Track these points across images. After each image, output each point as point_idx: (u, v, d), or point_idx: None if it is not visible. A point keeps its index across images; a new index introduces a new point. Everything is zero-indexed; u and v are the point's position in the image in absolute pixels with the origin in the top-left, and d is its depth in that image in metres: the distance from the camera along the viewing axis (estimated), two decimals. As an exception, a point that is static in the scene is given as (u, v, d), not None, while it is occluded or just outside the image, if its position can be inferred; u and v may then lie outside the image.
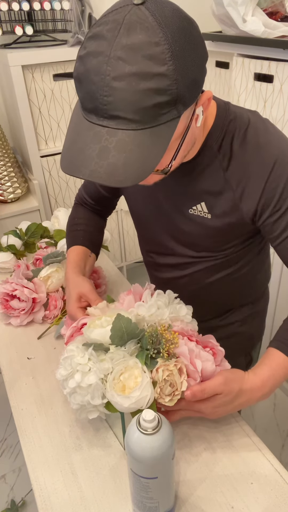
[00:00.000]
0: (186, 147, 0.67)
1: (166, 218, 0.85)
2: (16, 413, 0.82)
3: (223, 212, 0.76)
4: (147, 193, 0.86)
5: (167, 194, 0.82)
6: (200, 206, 0.78)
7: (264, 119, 0.74)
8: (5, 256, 1.21)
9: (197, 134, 0.70)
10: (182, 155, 0.67)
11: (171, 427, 0.57)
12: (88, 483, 0.69)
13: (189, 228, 0.82)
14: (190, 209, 0.80)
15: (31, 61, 1.55)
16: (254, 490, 0.67)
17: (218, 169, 0.74)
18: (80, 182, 1.86)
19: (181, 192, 0.80)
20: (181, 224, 0.83)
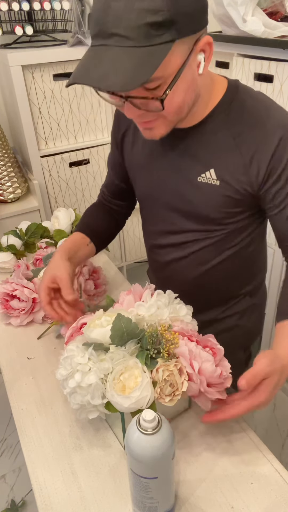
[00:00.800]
0: (187, 91, 0.68)
1: (173, 190, 0.85)
2: (16, 413, 0.82)
3: (232, 178, 0.77)
4: (153, 168, 0.87)
5: (175, 163, 0.83)
6: (209, 173, 0.79)
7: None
8: (5, 256, 1.21)
9: (202, 87, 0.72)
10: (184, 98, 0.68)
11: (171, 427, 0.57)
12: (88, 483, 0.69)
13: (197, 198, 0.82)
14: (199, 177, 0.80)
15: (31, 61, 1.55)
16: (254, 490, 0.67)
17: (228, 135, 0.76)
18: (81, 186, 1.86)
19: (189, 159, 0.80)
20: (188, 194, 0.83)
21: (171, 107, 0.67)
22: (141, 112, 0.68)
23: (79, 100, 1.71)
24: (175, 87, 0.64)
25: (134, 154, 0.91)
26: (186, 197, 0.84)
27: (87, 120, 1.78)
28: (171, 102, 0.67)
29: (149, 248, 1.03)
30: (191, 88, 0.69)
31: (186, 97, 0.69)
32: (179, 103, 0.69)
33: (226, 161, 0.77)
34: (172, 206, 0.88)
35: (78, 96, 1.70)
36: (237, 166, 0.76)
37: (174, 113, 0.70)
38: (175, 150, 0.82)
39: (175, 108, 0.69)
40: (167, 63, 0.61)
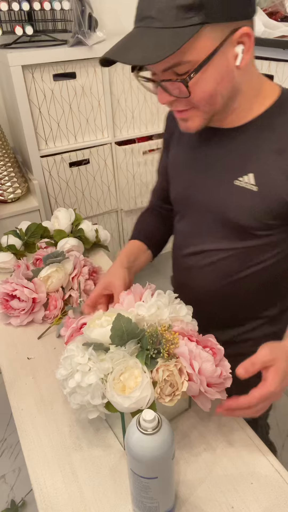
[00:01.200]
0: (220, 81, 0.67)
1: (208, 190, 0.82)
2: (16, 413, 0.82)
3: (271, 187, 0.74)
4: (192, 166, 0.85)
5: (213, 162, 0.81)
6: (247, 177, 0.76)
7: None
8: (5, 256, 1.21)
9: (243, 83, 0.70)
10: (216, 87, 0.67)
11: (171, 427, 0.57)
12: (88, 483, 0.69)
13: (232, 202, 0.78)
14: (236, 180, 0.77)
15: (31, 61, 1.55)
16: (254, 490, 0.67)
17: (273, 146, 0.73)
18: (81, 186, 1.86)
19: (229, 161, 0.78)
20: (224, 197, 0.79)
21: (200, 94, 0.67)
22: (172, 98, 0.68)
23: (79, 100, 1.71)
24: (204, 74, 0.64)
25: (176, 154, 0.90)
26: (219, 199, 0.80)
27: (87, 120, 1.78)
28: (200, 88, 0.66)
29: (172, 250, 1.00)
30: (225, 79, 0.67)
31: (219, 87, 0.67)
32: (210, 92, 0.67)
33: (268, 169, 0.74)
34: (204, 206, 0.84)
35: (78, 96, 1.70)
36: (278, 174, 0.73)
37: (205, 102, 0.69)
38: (215, 150, 0.80)
39: (205, 96, 0.68)
40: (195, 47, 0.62)
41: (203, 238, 0.87)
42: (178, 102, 0.70)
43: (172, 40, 0.59)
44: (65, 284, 1.08)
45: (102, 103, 1.77)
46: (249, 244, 0.80)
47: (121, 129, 1.88)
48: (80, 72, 1.67)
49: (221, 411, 0.67)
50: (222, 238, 0.83)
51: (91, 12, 1.61)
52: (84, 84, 1.69)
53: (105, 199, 1.97)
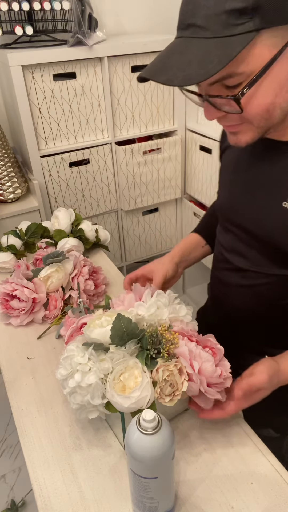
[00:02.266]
0: (279, 92, 0.58)
1: (250, 209, 0.75)
2: (16, 413, 0.82)
3: None
4: (239, 179, 0.78)
5: (262, 178, 0.73)
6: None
7: None
8: (5, 256, 1.21)
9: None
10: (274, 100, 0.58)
11: (171, 427, 0.57)
12: (88, 483, 0.69)
13: (276, 225, 0.70)
14: (284, 202, 0.68)
15: (31, 61, 1.54)
16: (254, 490, 0.67)
17: None
18: (81, 186, 1.86)
19: (280, 178, 0.70)
20: (271, 221, 0.71)
21: (254, 109, 0.59)
22: (221, 114, 0.61)
23: (79, 100, 1.71)
24: (261, 86, 0.56)
25: (226, 162, 0.84)
26: (263, 221, 0.73)
27: (87, 120, 1.78)
28: (255, 103, 0.58)
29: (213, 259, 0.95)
30: (285, 89, 0.58)
31: (277, 100, 0.59)
32: (267, 106, 0.59)
33: None
34: (249, 226, 0.77)
35: (78, 96, 1.70)
36: None
37: (260, 116, 0.60)
38: (268, 164, 0.71)
39: (261, 111, 0.59)
40: (250, 56, 0.53)
41: (245, 258, 0.80)
42: (228, 117, 0.62)
43: (221, 53, 0.51)
44: (65, 284, 1.08)
45: (102, 103, 1.77)
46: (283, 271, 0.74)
47: (121, 129, 1.88)
48: (80, 72, 1.67)
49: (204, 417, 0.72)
50: (265, 262, 0.76)
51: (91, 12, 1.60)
52: (84, 84, 1.69)
53: (105, 199, 1.97)
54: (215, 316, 0.96)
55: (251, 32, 0.51)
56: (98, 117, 1.80)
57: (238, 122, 0.62)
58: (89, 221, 1.32)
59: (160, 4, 1.94)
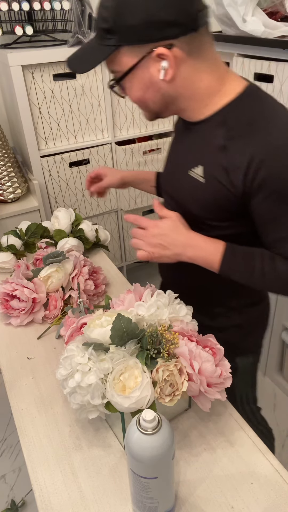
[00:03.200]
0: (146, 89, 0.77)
1: (172, 176, 0.90)
2: (16, 413, 0.82)
3: (216, 180, 0.77)
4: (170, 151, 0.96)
5: (178, 152, 0.90)
6: (198, 169, 0.81)
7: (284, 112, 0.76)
8: (5, 256, 1.21)
9: (180, 90, 0.77)
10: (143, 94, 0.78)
11: (171, 427, 0.57)
12: (88, 483, 0.69)
13: (185, 190, 0.85)
14: (189, 170, 0.82)
15: (31, 61, 1.54)
16: (254, 490, 0.67)
17: (222, 138, 0.76)
18: (81, 186, 1.86)
19: (187, 152, 0.85)
20: (180, 185, 0.86)
21: (131, 97, 0.80)
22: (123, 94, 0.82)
23: (79, 100, 1.71)
24: (130, 83, 0.77)
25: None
26: (177, 186, 0.88)
27: (87, 120, 1.78)
28: (130, 94, 0.80)
29: None
30: (151, 89, 0.77)
31: (146, 95, 0.78)
32: (138, 97, 0.79)
33: (215, 162, 0.77)
34: (169, 192, 0.93)
35: (78, 96, 1.70)
36: (222, 172, 0.76)
37: (139, 104, 0.82)
38: (180, 140, 0.90)
39: (136, 100, 0.80)
40: (118, 61, 0.74)
41: None
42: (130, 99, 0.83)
43: (97, 55, 0.75)
44: (65, 284, 1.08)
45: (102, 103, 1.77)
46: (212, 234, 0.82)
47: (121, 129, 1.88)
48: (80, 72, 1.67)
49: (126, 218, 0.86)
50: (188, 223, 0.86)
51: (91, 12, 1.60)
52: (84, 84, 1.69)
53: (105, 199, 1.97)
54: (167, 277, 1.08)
55: (114, 46, 0.72)
56: (98, 117, 1.80)
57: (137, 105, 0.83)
58: (89, 221, 1.33)
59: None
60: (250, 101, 0.75)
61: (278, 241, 0.77)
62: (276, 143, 0.70)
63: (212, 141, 0.78)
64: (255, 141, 0.71)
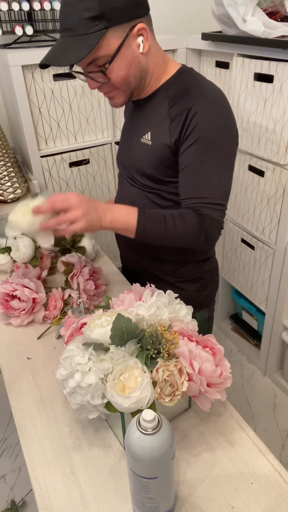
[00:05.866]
0: (130, 66, 0.88)
1: (128, 146, 1.06)
2: (16, 413, 0.82)
3: (160, 140, 0.94)
4: (124, 129, 1.11)
5: (130, 127, 1.06)
6: (147, 135, 0.97)
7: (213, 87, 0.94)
8: (3, 258, 1.21)
9: (150, 64, 0.92)
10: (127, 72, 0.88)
11: (171, 427, 0.57)
12: (88, 483, 0.69)
13: (138, 155, 1.01)
14: (141, 138, 0.99)
15: (31, 61, 1.54)
16: (254, 490, 0.67)
17: (165, 107, 0.93)
18: (81, 186, 1.86)
19: (138, 124, 1.01)
20: (134, 151, 1.02)
21: (117, 78, 0.88)
22: (98, 84, 0.90)
23: (79, 100, 1.71)
24: (117, 63, 0.86)
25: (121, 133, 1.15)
26: (131, 154, 1.03)
27: (87, 120, 1.78)
28: (116, 74, 0.88)
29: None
30: (133, 64, 0.88)
31: (130, 71, 0.88)
32: (124, 75, 0.88)
33: (159, 126, 0.94)
34: (125, 163, 1.08)
35: (78, 96, 1.70)
36: (165, 130, 0.93)
37: (122, 83, 0.90)
38: (134, 117, 1.04)
39: (121, 80, 0.89)
40: (105, 45, 0.83)
41: (130, 189, 1.08)
42: (103, 87, 0.92)
43: (86, 44, 0.81)
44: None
45: (102, 103, 1.77)
46: (156, 190, 1.01)
47: (121, 129, 1.88)
48: (80, 72, 1.67)
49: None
50: (142, 186, 1.04)
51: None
52: (84, 84, 1.69)
53: (105, 199, 1.97)
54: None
55: (102, 30, 0.81)
56: (98, 117, 1.80)
57: (111, 89, 0.92)
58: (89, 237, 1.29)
59: (159, 5, 1.95)
60: (186, 76, 0.94)
61: (189, 189, 0.92)
62: (206, 100, 0.89)
63: (158, 110, 0.95)
64: (191, 99, 0.88)
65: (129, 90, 0.93)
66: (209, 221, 0.91)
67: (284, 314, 1.70)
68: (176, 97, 0.92)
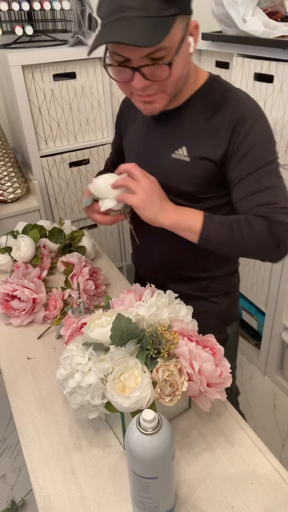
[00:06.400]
0: (184, 65, 0.78)
1: (153, 164, 0.93)
2: (16, 413, 0.82)
3: (200, 156, 0.86)
4: (139, 146, 0.99)
5: (157, 140, 0.93)
6: (181, 150, 0.88)
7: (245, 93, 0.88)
8: (3, 258, 1.21)
9: (190, 66, 0.83)
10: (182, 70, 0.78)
11: (171, 427, 0.57)
12: (88, 483, 0.69)
13: (172, 172, 0.90)
14: (173, 153, 0.89)
15: (31, 61, 1.54)
16: (254, 490, 0.67)
17: (201, 117, 0.85)
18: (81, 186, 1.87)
19: (168, 137, 0.91)
20: (165, 168, 0.91)
21: (174, 76, 0.77)
22: (148, 83, 0.77)
23: (79, 100, 1.71)
24: (178, 57, 0.75)
25: (130, 134, 1.03)
26: (164, 170, 0.92)
27: (87, 120, 1.78)
28: (175, 71, 0.76)
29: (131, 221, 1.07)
30: (186, 64, 0.79)
31: (184, 71, 0.79)
32: (180, 74, 0.78)
33: (198, 140, 0.86)
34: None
35: (78, 96, 1.70)
36: (206, 145, 0.85)
37: (175, 83, 0.79)
38: (161, 128, 0.93)
39: (177, 78, 0.78)
40: (171, 35, 0.71)
41: None
42: (150, 87, 0.79)
43: (161, 27, 0.69)
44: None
45: (102, 103, 1.77)
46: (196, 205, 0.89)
47: (121, 129, 1.88)
48: (80, 72, 1.67)
49: None
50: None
51: (91, 12, 1.60)
52: (84, 84, 1.69)
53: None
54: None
55: (174, 15, 0.71)
56: (98, 117, 1.80)
57: (157, 91, 0.80)
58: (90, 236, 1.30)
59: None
60: (218, 85, 0.87)
61: (251, 199, 0.83)
62: (248, 108, 0.83)
63: (192, 122, 0.86)
64: (233, 110, 0.82)
65: (174, 93, 0.83)
66: (280, 225, 0.80)
67: (284, 314, 1.70)
68: (214, 108, 0.84)
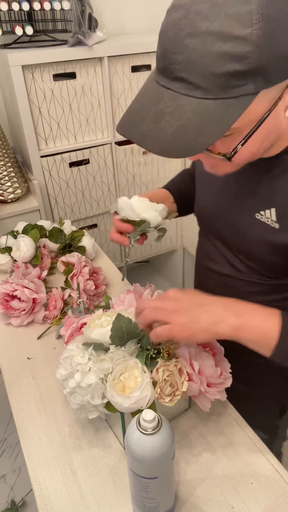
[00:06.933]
0: (266, 138, 0.58)
1: (228, 219, 0.77)
2: (16, 413, 0.82)
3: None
4: (216, 187, 0.79)
5: (237, 191, 0.74)
6: (269, 212, 0.69)
7: None
8: (3, 257, 1.21)
9: (285, 128, 0.59)
10: (259, 146, 0.58)
11: (171, 427, 0.57)
12: (88, 483, 0.69)
13: (251, 236, 0.72)
14: (257, 214, 0.70)
15: (31, 61, 1.54)
16: (254, 490, 0.67)
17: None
18: (81, 186, 1.86)
19: (252, 192, 0.71)
20: (246, 229, 0.73)
21: (242, 156, 0.58)
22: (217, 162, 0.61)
23: (79, 100, 1.71)
24: (253, 136, 0.55)
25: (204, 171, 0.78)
26: (239, 231, 0.74)
27: (87, 120, 1.78)
28: (244, 151, 0.57)
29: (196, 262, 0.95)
30: (271, 134, 0.58)
31: (263, 144, 0.59)
32: (253, 153, 0.59)
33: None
34: (222, 234, 0.80)
35: (78, 96, 1.70)
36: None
37: (246, 161, 0.61)
38: (246, 176, 0.72)
39: (246, 158, 0.60)
40: (245, 114, 0.50)
41: (223, 262, 0.82)
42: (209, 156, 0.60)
43: (220, 118, 0.48)
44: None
45: (102, 103, 1.77)
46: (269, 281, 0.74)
47: (121, 129, 1.88)
48: (80, 72, 1.67)
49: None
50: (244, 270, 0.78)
51: (91, 12, 1.60)
52: (84, 84, 1.69)
53: (105, 199, 1.97)
54: None
55: (251, 94, 0.48)
56: (98, 117, 1.80)
57: (220, 163, 0.62)
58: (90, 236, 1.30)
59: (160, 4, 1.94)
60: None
61: None
62: None
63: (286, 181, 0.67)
64: None
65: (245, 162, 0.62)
66: None
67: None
68: None
